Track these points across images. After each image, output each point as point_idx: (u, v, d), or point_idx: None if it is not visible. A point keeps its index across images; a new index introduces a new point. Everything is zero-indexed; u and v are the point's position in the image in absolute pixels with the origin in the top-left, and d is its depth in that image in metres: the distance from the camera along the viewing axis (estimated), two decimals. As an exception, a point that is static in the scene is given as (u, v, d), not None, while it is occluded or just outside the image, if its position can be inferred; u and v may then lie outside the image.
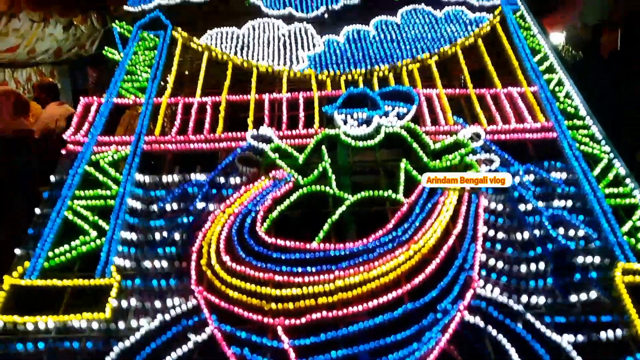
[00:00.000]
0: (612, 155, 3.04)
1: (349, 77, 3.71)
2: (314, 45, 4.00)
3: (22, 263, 2.49)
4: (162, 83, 3.65)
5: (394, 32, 4.11)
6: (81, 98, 3.40)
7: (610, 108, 4.22)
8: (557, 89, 3.51)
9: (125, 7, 4.19)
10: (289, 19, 4.23)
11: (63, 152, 3.11)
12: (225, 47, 3.93)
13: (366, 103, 3.39)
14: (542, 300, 2.36)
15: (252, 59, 3.84)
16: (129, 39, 3.87)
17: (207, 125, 3.31)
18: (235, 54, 3.88)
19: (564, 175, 2.95)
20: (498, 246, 2.61)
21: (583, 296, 2.36)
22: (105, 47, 3.79)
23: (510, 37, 3.97)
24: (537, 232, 2.64)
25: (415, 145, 3.16)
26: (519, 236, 2.63)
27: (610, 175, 2.92)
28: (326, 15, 4.31)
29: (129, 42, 3.83)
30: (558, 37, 9.14)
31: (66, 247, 2.56)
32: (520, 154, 3.14)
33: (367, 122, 3.31)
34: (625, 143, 3.31)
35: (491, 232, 2.67)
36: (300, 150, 3.11)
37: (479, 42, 3.94)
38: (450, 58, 3.91)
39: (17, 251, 2.58)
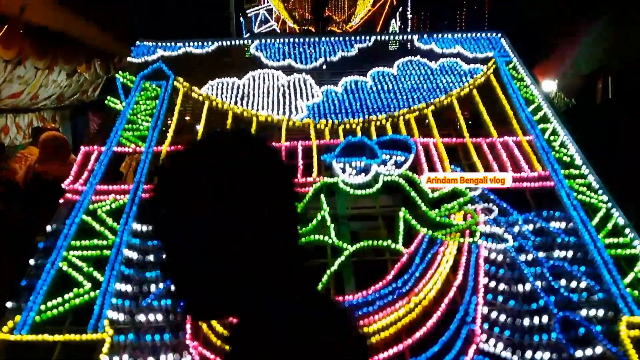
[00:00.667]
0: (610, 204, 3.05)
1: (347, 126, 3.77)
2: (312, 95, 4.08)
3: (14, 317, 2.43)
4: (162, 129, 3.69)
5: (390, 82, 4.21)
6: (82, 147, 3.43)
7: (605, 155, 4.27)
8: (552, 138, 3.57)
9: (129, 59, 4.30)
10: (288, 70, 4.34)
11: (61, 201, 3.10)
12: (226, 97, 4.01)
13: (364, 152, 3.43)
14: (546, 355, 2.29)
15: (252, 108, 3.91)
16: (132, 88, 3.94)
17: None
18: (236, 103, 3.95)
19: (563, 225, 2.95)
20: (500, 298, 2.56)
21: (589, 351, 2.30)
22: (108, 97, 3.86)
23: (504, 87, 4.07)
24: (539, 283, 2.61)
25: (413, 194, 3.18)
26: (520, 288, 2.59)
27: (610, 225, 2.92)
28: (324, 67, 4.43)
29: (132, 92, 3.90)
30: (551, 84, 9.39)
31: (59, 299, 2.50)
32: (518, 203, 3.15)
33: (366, 170, 3.34)
34: (623, 191, 3.31)
35: (492, 284, 2.64)
36: (298, 199, 3.10)
37: (474, 92, 4.03)
38: (446, 108, 3.98)
39: (9, 304, 2.52)
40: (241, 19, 9.03)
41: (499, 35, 4.65)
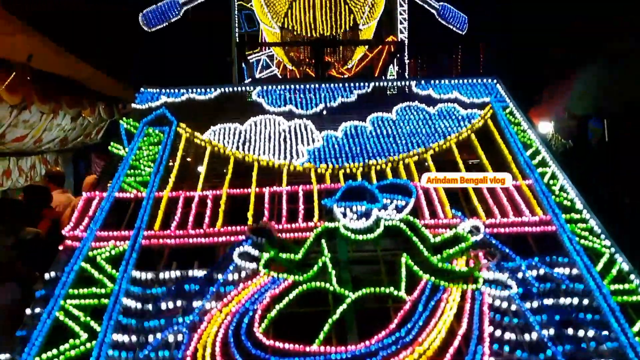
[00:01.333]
0: (613, 249, 3.03)
1: (348, 170, 3.81)
2: (313, 140, 4.14)
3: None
4: (165, 175, 3.72)
5: (389, 127, 4.28)
6: (83, 193, 3.44)
7: (603, 197, 4.29)
8: (551, 182, 3.59)
9: (134, 105, 4.40)
10: (289, 116, 4.42)
11: (60, 248, 3.08)
12: (228, 142, 4.07)
13: (365, 196, 3.44)
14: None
15: (254, 153, 3.96)
16: (135, 134, 4.00)
17: (207, 219, 3.32)
18: (238, 148, 4.00)
19: (567, 271, 2.92)
20: (506, 348, 2.50)
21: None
22: (111, 143, 3.91)
23: (501, 131, 4.13)
24: (545, 332, 2.55)
25: (415, 239, 3.16)
26: (527, 337, 2.53)
27: (614, 271, 2.89)
28: (325, 112, 4.51)
29: (135, 138, 3.96)
30: (547, 126, 9.54)
31: (54, 351, 2.44)
32: (520, 248, 3.13)
33: (367, 215, 3.33)
34: (624, 234, 3.30)
35: (498, 332, 2.58)
36: (299, 244, 3.10)
37: (472, 137, 4.09)
38: (445, 152, 4.03)
39: (2, 357, 2.45)
40: (243, 64, 9.28)
41: (495, 81, 4.77)
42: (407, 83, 4.86)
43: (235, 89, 4.79)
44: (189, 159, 4.10)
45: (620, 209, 4.68)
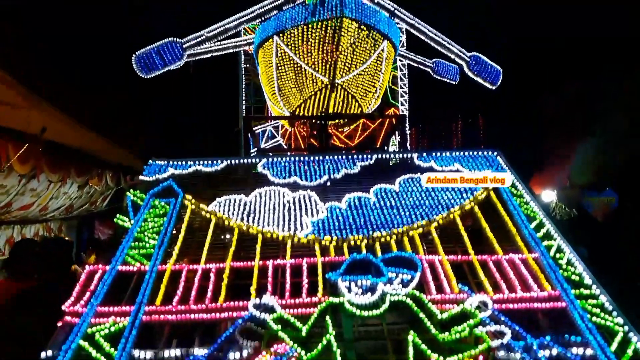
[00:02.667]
0: (626, 327, 2.94)
1: (352, 242, 3.79)
2: (317, 212, 4.17)
3: None
4: (168, 250, 3.71)
5: (392, 199, 4.32)
6: (86, 266, 3.42)
7: (613, 269, 4.21)
8: (558, 255, 3.55)
9: (141, 177, 4.48)
10: (294, 187, 4.49)
11: (59, 324, 3.01)
12: (233, 214, 4.10)
13: (370, 270, 3.40)
14: None
15: (258, 225, 3.97)
16: (141, 206, 4.05)
17: (209, 294, 3.26)
18: (242, 220, 4.03)
19: (580, 351, 2.81)
20: None
21: None
22: (117, 215, 3.94)
23: (504, 203, 4.15)
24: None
25: (422, 315, 3.08)
26: None
27: (629, 351, 2.78)
28: (329, 183, 4.58)
29: (141, 210, 4.00)
30: (550, 194, 9.58)
31: None
32: (530, 324, 3.04)
33: (372, 289, 3.27)
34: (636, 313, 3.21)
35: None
36: (303, 320, 3.02)
37: (476, 209, 4.11)
38: (449, 223, 4.03)
39: None
40: (249, 135, 9.55)
41: (495, 153, 4.87)
42: (410, 155, 4.96)
43: (241, 160, 4.89)
44: (194, 231, 4.10)
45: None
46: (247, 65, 13.30)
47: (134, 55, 7.24)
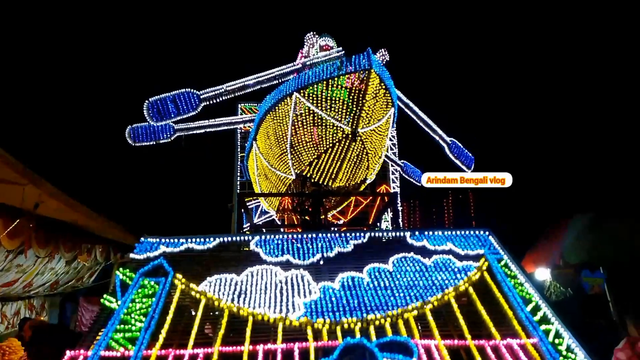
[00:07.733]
0: (634, 421, 2.80)
1: (345, 325, 3.68)
2: (310, 292, 4.08)
3: None
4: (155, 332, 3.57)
5: (386, 279, 4.26)
6: (67, 352, 3.26)
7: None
8: (557, 341, 3.46)
9: (132, 255, 4.42)
10: (286, 265, 4.43)
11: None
12: (223, 294, 4.00)
13: (364, 355, 3.28)
14: None
15: (249, 306, 3.87)
16: (130, 285, 3.95)
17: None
18: (233, 301, 3.92)
19: None
20: None
21: None
22: (104, 295, 3.83)
23: (499, 284, 4.11)
24: None
25: (419, 407, 2.93)
26: None
27: None
28: (322, 262, 4.53)
29: (129, 289, 3.90)
30: (544, 272, 9.48)
31: None
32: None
33: (366, 378, 3.14)
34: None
35: None
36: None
37: (470, 290, 4.06)
38: (444, 305, 3.95)
39: None
40: (242, 211, 9.57)
41: (487, 232, 4.90)
42: (402, 234, 4.98)
43: (233, 238, 4.86)
44: (182, 312, 3.98)
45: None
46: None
47: (147, 101, 7.06)
